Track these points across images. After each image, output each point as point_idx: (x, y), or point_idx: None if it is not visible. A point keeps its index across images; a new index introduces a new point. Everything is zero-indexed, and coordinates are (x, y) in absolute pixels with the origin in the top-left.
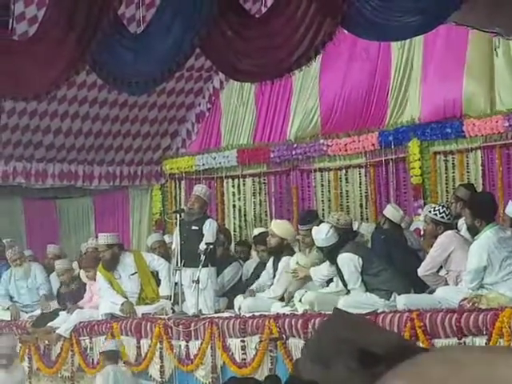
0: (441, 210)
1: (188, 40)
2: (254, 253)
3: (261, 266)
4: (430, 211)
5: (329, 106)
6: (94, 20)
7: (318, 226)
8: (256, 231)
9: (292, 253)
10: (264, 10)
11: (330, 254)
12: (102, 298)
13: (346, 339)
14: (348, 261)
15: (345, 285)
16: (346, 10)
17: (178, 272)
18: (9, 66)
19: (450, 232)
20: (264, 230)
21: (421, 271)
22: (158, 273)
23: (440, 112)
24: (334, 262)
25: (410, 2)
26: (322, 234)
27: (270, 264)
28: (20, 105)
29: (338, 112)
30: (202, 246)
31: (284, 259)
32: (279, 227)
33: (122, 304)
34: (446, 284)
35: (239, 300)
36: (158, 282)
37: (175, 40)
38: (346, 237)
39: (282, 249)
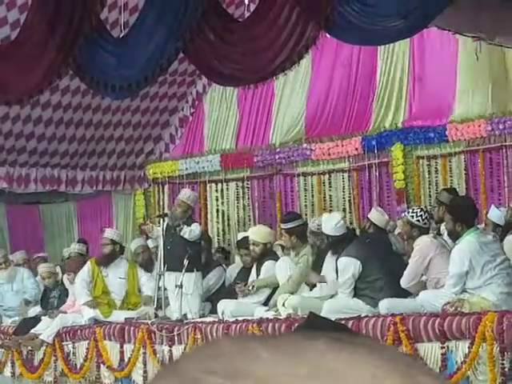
0: (418, 213)
1: (171, 44)
2: (237, 257)
3: (244, 271)
4: (408, 212)
5: (314, 110)
6: (76, 24)
7: (301, 225)
8: (239, 235)
9: (275, 257)
10: (247, 14)
11: (334, 244)
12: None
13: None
14: (348, 266)
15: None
16: (329, 14)
17: (161, 277)
18: None
19: (426, 238)
20: (247, 235)
21: (404, 282)
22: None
23: (423, 116)
24: (335, 252)
25: (393, 7)
26: (332, 221)
27: (254, 270)
28: (2, 110)
29: (323, 117)
30: (186, 251)
31: (266, 264)
32: (258, 233)
33: (88, 302)
34: (425, 289)
35: (222, 305)
36: None
37: (158, 44)
38: (352, 234)
39: (266, 254)
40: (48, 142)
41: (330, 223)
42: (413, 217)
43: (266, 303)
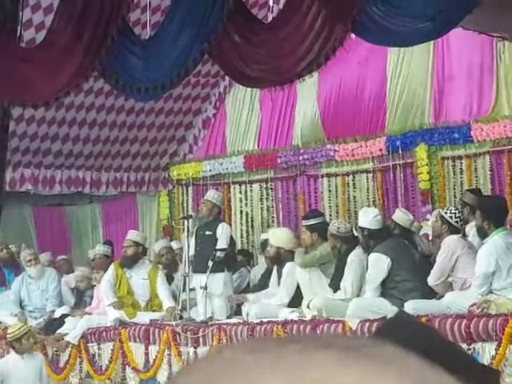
0: (452, 211)
1: (197, 46)
2: (261, 258)
3: (268, 272)
4: (442, 209)
5: (329, 110)
6: (102, 27)
7: (322, 223)
8: (263, 237)
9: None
10: (270, 16)
11: (368, 238)
12: (101, 294)
13: (409, 341)
14: (378, 261)
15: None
16: (356, 15)
17: (185, 278)
18: (18, 73)
19: (454, 236)
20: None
21: (431, 280)
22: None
23: (448, 117)
24: (367, 250)
25: (420, 8)
26: (370, 214)
27: (274, 271)
28: (28, 112)
29: (340, 116)
30: (214, 252)
31: (287, 265)
32: (274, 236)
33: (113, 303)
34: (452, 290)
35: (247, 306)
36: None
37: (185, 46)
38: (387, 231)
39: (281, 257)
40: (72, 143)
41: (368, 216)
42: (446, 213)
43: (289, 305)
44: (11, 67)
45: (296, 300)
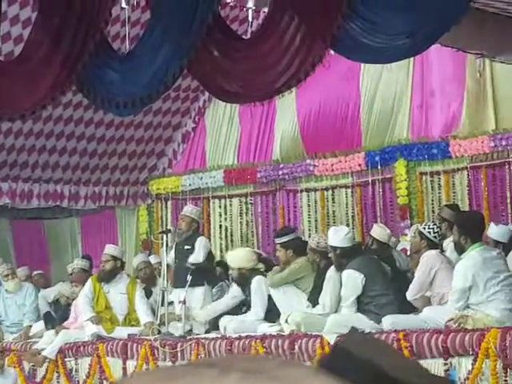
0: (430, 226)
1: (176, 61)
2: None
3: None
4: (420, 224)
5: (309, 125)
6: (80, 40)
7: (295, 239)
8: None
9: (261, 273)
10: (250, 31)
11: (341, 256)
12: (80, 310)
13: (362, 358)
14: (352, 278)
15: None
16: (335, 32)
17: (164, 292)
18: None
19: (433, 252)
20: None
21: (410, 295)
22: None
23: (426, 133)
24: (340, 268)
25: (400, 25)
26: (341, 233)
27: (234, 289)
28: (5, 125)
29: (320, 132)
30: (189, 266)
31: (254, 280)
32: (233, 258)
33: (91, 318)
34: (431, 305)
35: (224, 321)
36: None
37: (164, 61)
38: (359, 247)
39: (245, 277)
40: (49, 154)
41: (339, 234)
42: (424, 228)
43: (268, 319)
44: None
45: (274, 315)
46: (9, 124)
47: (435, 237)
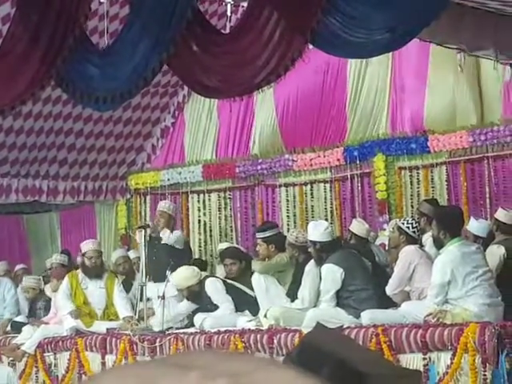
0: (409, 221)
1: (156, 56)
2: (219, 268)
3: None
4: (399, 219)
5: (287, 120)
6: (59, 35)
7: (277, 234)
8: (222, 245)
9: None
10: (229, 26)
11: (320, 251)
12: (58, 305)
13: (328, 352)
14: (331, 272)
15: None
16: (314, 26)
17: (143, 288)
18: None
19: (412, 247)
20: (231, 245)
21: (389, 290)
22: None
23: (405, 127)
24: (319, 262)
25: (379, 20)
26: (320, 227)
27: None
28: None
29: (298, 126)
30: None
31: (208, 281)
32: (178, 280)
33: (71, 312)
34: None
35: (198, 318)
36: None
37: (143, 56)
38: (338, 242)
39: (195, 292)
40: (29, 150)
41: (319, 229)
42: (403, 223)
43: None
44: None
45: (253, 309)
46: None
47: (414, 232)
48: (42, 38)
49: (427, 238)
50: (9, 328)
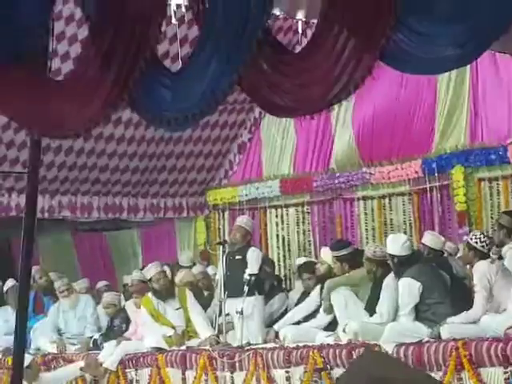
0: (477, 236)
1: (226, 78)
2: (297, 283)
3: (304, 296)
4: (471, 238)
5: (364, 133)
6: (131, 58)
7: (350, 253)
8: (300, 260)
9: None
10: (301, 42)
11: (399, 264)
12: (148, 331)
13: (377, 378)
14: (409, 287)
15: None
16: (384, 44)
17: (221, 303)
18: (46, 105)
19: (484, 262)
20: (308, 260)
21: (476, 315)
22: None
23: (484, 138)
24: (398, 275)
25: (449, 36)
26: (399, 241)
27: (316, 292)
28: (66, 143)
29: (376, 139)
30: (246, 277)
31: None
32: (328, 254)
33: (170, 336)
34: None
35: (284, 331)
36: None
37: (214, 78)
38: (417, 255)
39: (332, 276)
40: (111, 172)
41: (397, 242)
42: (471, 239)
43: (327, 328)
44: (41, 100)
45: (332, 324)
46: (69, 143)
47: (483, 246)
48: (114, 61)
49: (507, 251)
50: (91, 345)
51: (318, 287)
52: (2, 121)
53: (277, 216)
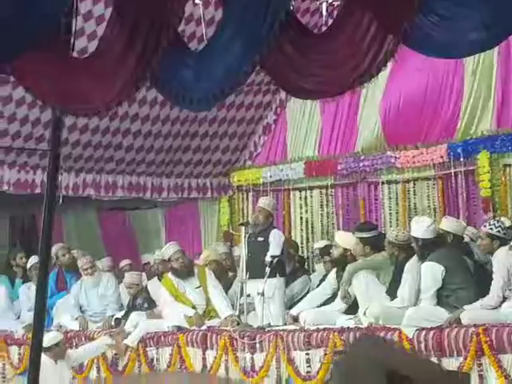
0: (491, 223)
1: (249, 58)
2: (318, 266)
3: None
4: (484, 226)
5: (390, 117)
6: (154, 38)
7: (375, 236)
8: (320, 244)
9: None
10: (324, 23)
11: (422, 247)
12: (169, 310)
13: (375, 359)
14: (432, 270)
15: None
16: (407, 27)
17: (243, 284)
18: (69, 83)
19: (502, 251)
20: (328, 243)
21: (493, 302)
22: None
23: (511, 124)
24: (422, 259)
25: (474, 20)
26: (423, 223)
27: (332, 275)
28: (92, 122)
29: (400, 124)
30: (268, 259)
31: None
32: (342, 238)
33: (190, 316)
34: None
35: (304, 313)
36: None
37: (236, 58)
38: (442, 239)
39: (346, 260)
40: (136, 152)
41: (422, 225)
42: (492, 229)
43: (348, 311)
44: (64, 77)
45: (353, 307)
46: (96, 122)
47: (499, 231)
48: (138, 40)
49: None
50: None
51: (334, 271)
52: (27, 99)
53: (300, 198)
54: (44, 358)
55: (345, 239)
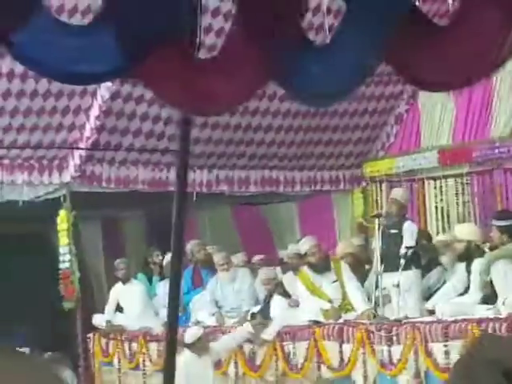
0: None
1: (372, 53)
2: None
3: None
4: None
5: None
6: (278, 34)
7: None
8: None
9: (483, 255)
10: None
11: None
12: (305, 304)
13: (494, 360)
14: None
15: None
16: None
17: (378, 277)
18: (196, 84)
19: None
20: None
21: None
22: None
23: None
24: None
25: None
26: None
27: (462, 268)
28: (223, 120)
29: None
30: (402, 250)
31: (477, 261)
32: (464, 231)
33: (327, 310)
34: None
35: (441, 306)
36: None
37: (360, 53)
38: None
39: (471, 252)
40: (267, 146)
41: None
42: None
43: (487, 301)
44: (191, 78)
45: (491, 297)
46: (226, 119)
47: None
48: (261, 37)
49: None
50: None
51: (463, 265)
52: (147, 96)
53: (435, 187)
54: (187, 353)
55: (467, 231)
